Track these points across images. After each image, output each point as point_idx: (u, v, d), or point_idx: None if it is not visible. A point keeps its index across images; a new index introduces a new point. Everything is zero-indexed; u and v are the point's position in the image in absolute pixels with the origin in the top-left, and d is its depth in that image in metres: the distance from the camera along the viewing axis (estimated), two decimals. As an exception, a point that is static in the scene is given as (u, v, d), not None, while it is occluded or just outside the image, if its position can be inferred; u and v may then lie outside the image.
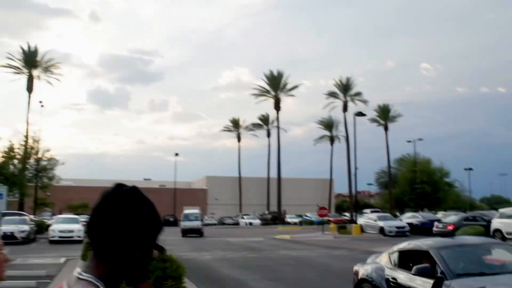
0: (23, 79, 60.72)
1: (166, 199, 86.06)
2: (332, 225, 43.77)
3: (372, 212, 57.38)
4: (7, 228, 29.48)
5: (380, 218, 40.07)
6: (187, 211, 42.29)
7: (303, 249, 26.41)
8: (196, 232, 39.20)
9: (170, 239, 35.44)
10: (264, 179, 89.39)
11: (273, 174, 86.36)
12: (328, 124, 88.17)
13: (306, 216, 76.20)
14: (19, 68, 61.05)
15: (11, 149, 50.08)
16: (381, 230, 38.03)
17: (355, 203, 55.67)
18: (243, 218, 76.37)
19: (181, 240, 35.42)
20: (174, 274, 1.58)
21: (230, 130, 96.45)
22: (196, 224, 39.65)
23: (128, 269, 1.42)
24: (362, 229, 39.83)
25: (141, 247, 1.44)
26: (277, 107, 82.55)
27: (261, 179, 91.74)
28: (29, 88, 59.50)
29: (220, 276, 15.84)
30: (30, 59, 60.75)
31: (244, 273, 16.49)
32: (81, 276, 1.43)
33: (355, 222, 43.63)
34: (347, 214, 71.85)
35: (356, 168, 48.73)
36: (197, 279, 14.70)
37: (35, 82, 60.64)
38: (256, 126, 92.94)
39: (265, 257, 21.96)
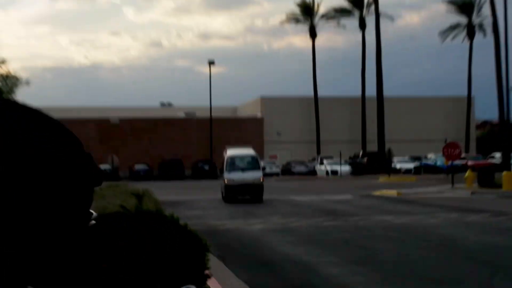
0: None
1: (196, 135, 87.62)
2: (469, 174, 43.80)
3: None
4: None
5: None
6: (233, 152, 38.25)
7: (416, 213, 26.35)
8: (253, 192, 35.52)
9: (201, 201, 36.03)
10: (357, 100, 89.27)
11: (371, 91, 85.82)
12: (464, 4, 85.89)
13: (426, 159, 76.54)
14: None
15: None
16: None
17: (509, 137, 54.54)
18: (322, 163, 77.44)
19: (219, 202, 35.56)
20: (191, 254, 1.41)
21: (298, 20, 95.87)
22: (253, 176, 35.66)
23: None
24: (519, 180, 39.49)
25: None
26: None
27: (351, 100, 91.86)
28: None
29: (274, 257, 15.98)
30: None
31: (314, 252, 16.58)
32: None
33: (508, 168, 43.16)
34: (497, 154, 71.01)
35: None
36: (237, 261, 14.96)
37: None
38: (340, 12, 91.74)
39: (352, 227, 22.07)
